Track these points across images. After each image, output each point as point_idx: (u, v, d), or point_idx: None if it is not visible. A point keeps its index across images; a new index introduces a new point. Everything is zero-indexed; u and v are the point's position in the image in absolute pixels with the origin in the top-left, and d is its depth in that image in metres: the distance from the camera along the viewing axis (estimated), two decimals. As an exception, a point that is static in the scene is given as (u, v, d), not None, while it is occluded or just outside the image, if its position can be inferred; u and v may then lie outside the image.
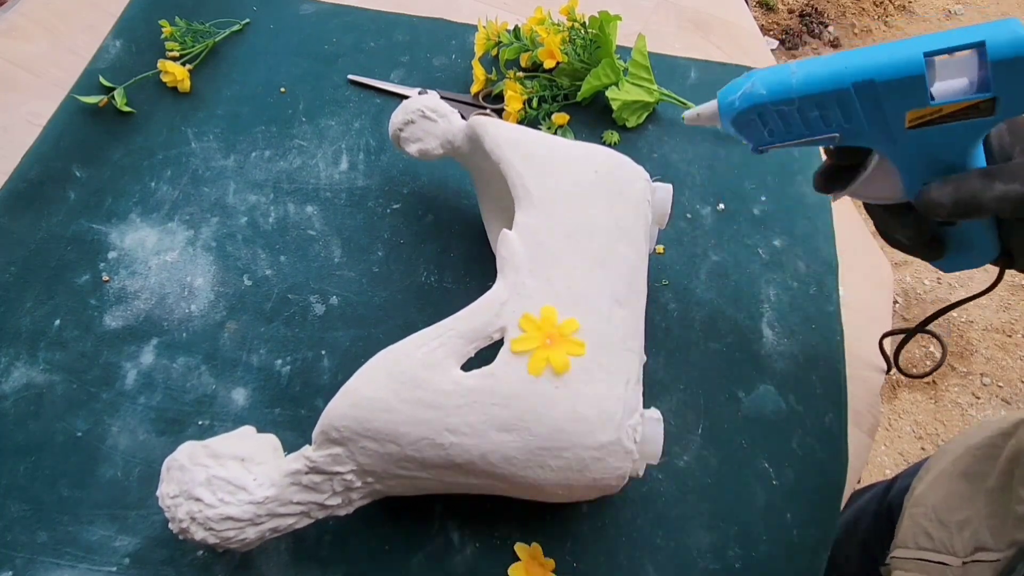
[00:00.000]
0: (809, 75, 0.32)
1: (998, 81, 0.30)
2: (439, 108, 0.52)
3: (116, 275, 0.55)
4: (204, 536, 0.37)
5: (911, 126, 0.32)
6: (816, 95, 0.32)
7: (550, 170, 0.45)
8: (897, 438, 1.39)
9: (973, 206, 0.32)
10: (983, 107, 0.31)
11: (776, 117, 0.33)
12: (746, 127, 0.35)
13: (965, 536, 0.46)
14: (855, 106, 0.32)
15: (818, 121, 0.33)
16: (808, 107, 0.32)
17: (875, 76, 0.31)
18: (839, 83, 0.31)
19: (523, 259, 0.42)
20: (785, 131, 0.34)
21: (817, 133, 0.34)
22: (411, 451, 0.39)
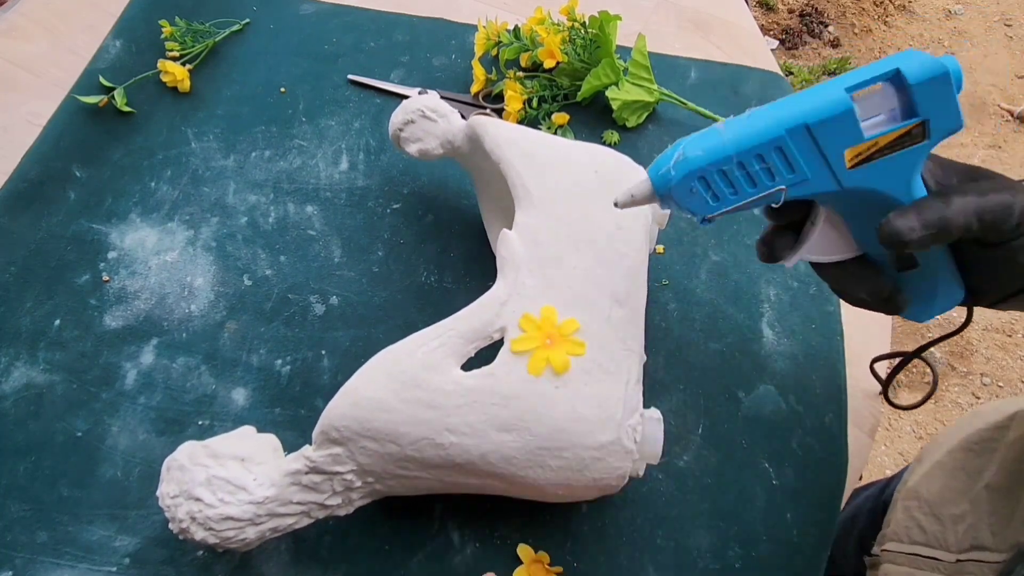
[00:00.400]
0: (740, 130, 0.32)
1: (923, 104, 0.31)
2: (439, 108, 0.52)
3: (116, 275, 0.55)
4: (204, 536, 0.37)
5: (852, 165, 0.32)
6: (753, 147, 0.31)
7: (550, 170, 0.45)
8: (897, 438, 1.39)
9: (942, 226, 0.32)
10: (915, 133, 0.31)
11: (718, 179, 0.32)
12: (688, 196, 0.33)
13: (959, 530, 0.46)
14: (794, 152, 0.32)
15: (761, 175, 0.32)
16: (748, 161, 0.32)
17: (806, 119, 0.31)
18: (773, 132, 0.31)
19: (523, 259, 0.42)
20: (730, 192, 0.33)
21: (763, 188, 0.33)
22: (411, 451, 0.39)
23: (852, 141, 0.31)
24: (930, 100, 0.31)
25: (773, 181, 0.32)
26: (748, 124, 0.32)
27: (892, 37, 1.91)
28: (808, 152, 0.32)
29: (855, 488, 0.68)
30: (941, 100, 0.31)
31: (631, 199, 0.35)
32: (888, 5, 1.97)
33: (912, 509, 0.50)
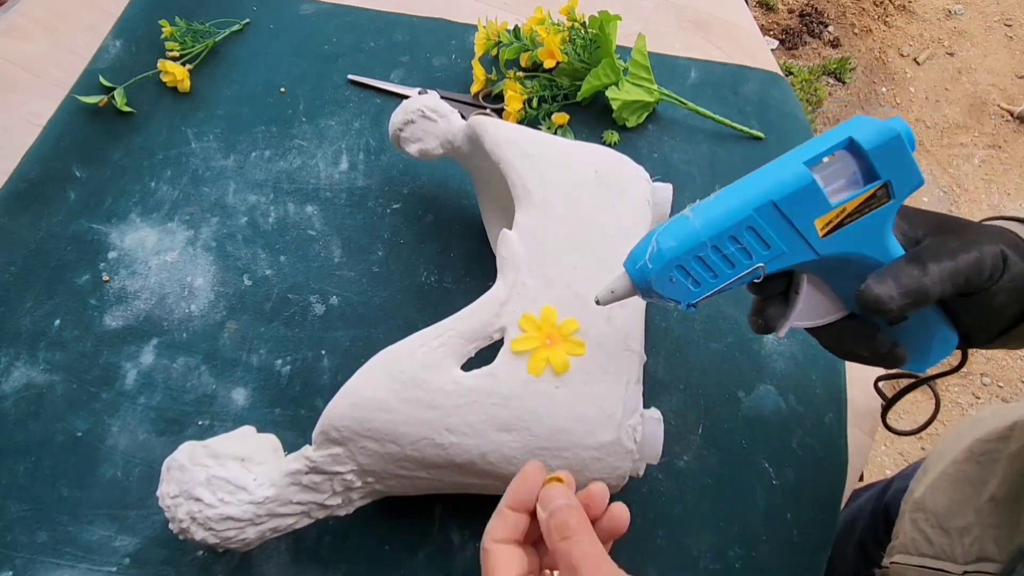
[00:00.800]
0: (709, 214, 0.32)
1: (882, 167, 0.31)
2: (439, 108, 0.52)
3: (116, 275, 0.55)
4: (204, 536, 0.37)
5: (825, 233, 0.33)
6: (725, 230, 0.32)
7: (550, 170, 0.45)
8: (897, 438, 1.39)
9: (921, 293, 0.32)
10: (880, 195, 0.32)
11: (696, 265, 0.33)
12: (669, 286, 0.33)
13: (966, 542, 0.46)
14: (766, 230, 0.32)
15: (738, 255, 0.33)
16: (723, 244, 0.32)
17: (772, 197, 0.31)
18: (741, 212, 0.32)
19: (523, 259, 0.42)
20: (711, 276, 0.33)
21: (742, 268, 0.33)
22: (411, 451, 0.39)
23: (820, 211, 0.32)
24: (888, 163, 0.31)
25: (751, 260, 0.33)
26: (716, 207, 0.32)
27: (892, 37, 1.91)
28: (780, 227, 0.32)
29: (855, 489, 0.68)
30: (898, 161, 0.31)
31: (611, 295, 0.35)
32: (888, 5, 1.97)
33: (919, 521, 0.50)
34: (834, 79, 1.83)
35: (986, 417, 0.51)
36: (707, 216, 0.32)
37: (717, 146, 0.65)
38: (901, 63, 1.87)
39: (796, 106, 0.68)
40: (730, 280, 0.33)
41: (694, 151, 0.64)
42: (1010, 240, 0.35)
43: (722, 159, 0.64)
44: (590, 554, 0.31)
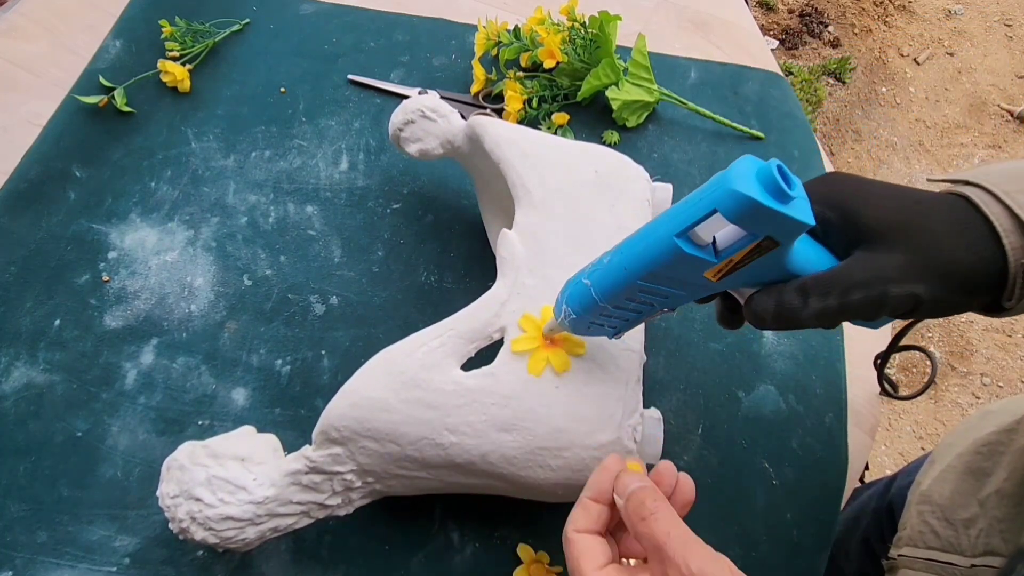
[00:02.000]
0: (602, 283, 0.34)
1: (755, 228, 0.29)
2: (439, 108, 0.52)
3: (116, 275, 0.55)
4: (204, 536, 0.37)
5: (718, 279, 0.32)
6: (618, 294, 0.33)
7: (550, 170, 0.45)
8: (897, 438, 1.39)
9: (793, 322, 0.32)
10: (765, 245, 0.30)
11: (604, 318, 0.36)
12: (588, 330, 0.37)
13: (972, 535, 0.46)
14: (657, 288, 0.33)
15: (641, 306, 0.35)
16: (621, 303, 0.34)
17: (650, 268, 0.32)
18: (627, 282, 0.33)
19: (523, 259, 0.42)
20: (622, 321, 0.36)
21: (648, 312, 0.35)
22: (411, 451, 0.39)
23: (704, 268, 0.32)
24: (758, 223, 0.29)
25: (653, 307, 0.35)
26: (605, 276, 0.34)
27: (892, 37, 1.91)
28: (669, 283, 0.33)
29: (857, 488, 0.68)
30: (768, 220, 0.29)
31: (551, 332, 0.40)
32: (888, 5, 1.97)
33: (925, 514, 0.50)
34: (834, 79, 1.83)
35: (996, 410, 0.51)
36: (600, 285, 0.34)
37: (717, 146, 0.65)
38: (901, 63, 1.87)
39: (796, 106, 0.68)
40: (641, 319, 0.36)
41: (694, 151, 0.64)
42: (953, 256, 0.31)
43: (722, 159, 0.64)
44: (673, 532, 0.30)
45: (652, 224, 0.32)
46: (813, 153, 0.65)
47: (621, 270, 0.33)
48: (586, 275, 0.35)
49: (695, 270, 0.32)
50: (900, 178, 1.68)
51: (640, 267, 0.32)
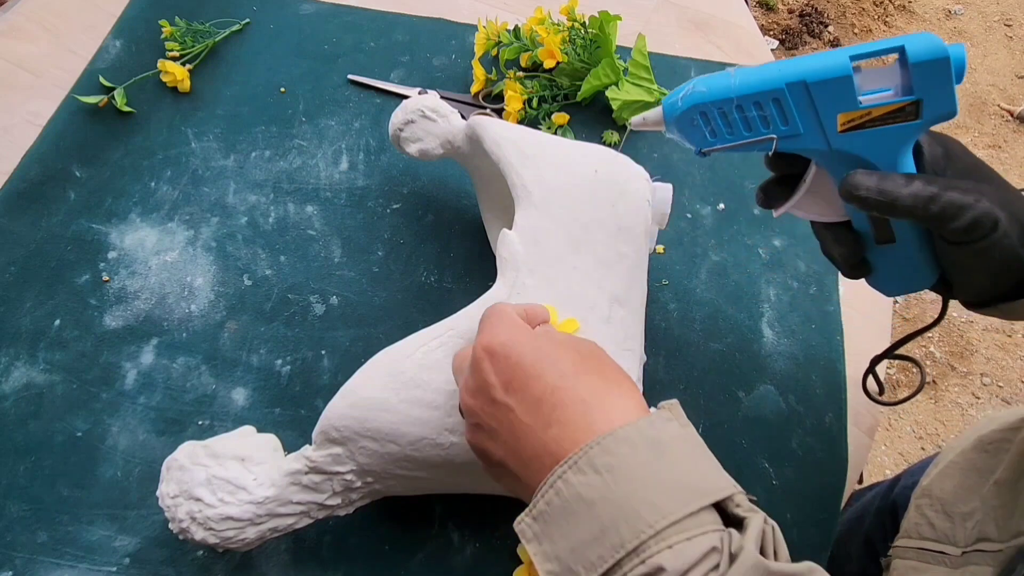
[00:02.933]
0: (746, 77, 0.34)
1: (919, 84, 0.32)
2: (439, 108, 0.52)
3: (116, 275, 0.55)
4: (204, 536, 0.37)
5: (843, 129, 0.34)
6: (753, 94, 0.34)
7: (550, 170, 0.45)
8: (897, 438, 1.39)
9: (891, 198, 0.34)
10: (908, 111, 0.33)
11: (717, 116, 0.35)
12: (688, 128, 0.36)
13: (968, 527, 0.47)
14: (790, 106, 0.33)
15: (757, 122, 0.35)
16: (747, 106, 0.34)
17: (806, 77, 0.33)
18: (774, 83, 0.33)
19: (523, 259, 0.42)
20: (726, 131, 0.36)
21: (756, 134, 0.35)
22: (411, 451, 0.39)
23: (846, 106, 0.33)
24: (927, 81, 0.32)
25: (767, 129, 0.35)
26: (754, 73, 0.34)
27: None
28: (803, 108, 0.33)
29: (857, 490, 0.68)
30: (937, 83, 0.32)
31: (643, 122, 0.38)
32: (888, 5, 1.97)
33: (924, 507, 0.50)
34: (834, 79, 1.83)
35: (1004, 415, 0.52)
36: (744, 77, 0.34)
37: (717, 146, 0.65)
38: (901, 63, 1.87)
39: (796, 106, 0.68)
40: (742, 141, 0.36)
41: (694, 151, 0.64)
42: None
43: (722, 159, 0.64)
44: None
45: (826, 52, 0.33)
46: (813, 153, 0.65)
47: (775, 70, 0.33)
48: (731, 69, 0.35)
49: (837, 103, 0.33)
50: (900, 178, 1.68)
51: (797, 72, 0.33)
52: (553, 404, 0.30)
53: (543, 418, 0.30)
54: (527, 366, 0.31)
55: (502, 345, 0.31)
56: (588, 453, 0.28)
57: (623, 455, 0.28)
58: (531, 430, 0.30)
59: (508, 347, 0.31)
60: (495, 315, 0.33)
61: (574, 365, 0.31)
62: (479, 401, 0.31)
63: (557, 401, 0.30)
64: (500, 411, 0.31)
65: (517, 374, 0.31)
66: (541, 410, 0.30)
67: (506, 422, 0.30)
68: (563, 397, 0.30)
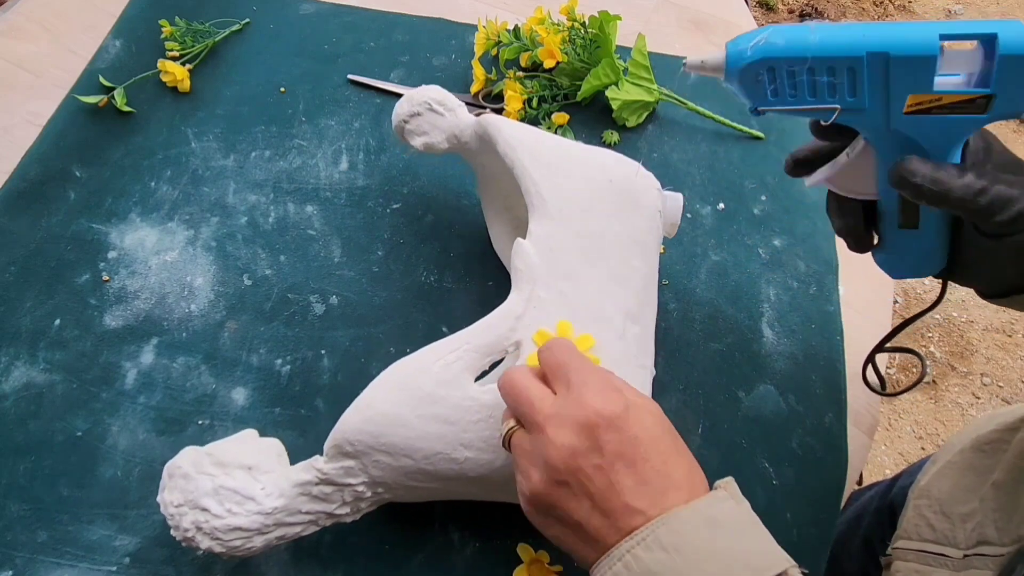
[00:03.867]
0: (827, 35, 0.32)
1: (1000, 78, 0.31)
2: (447, 101, 0.51)
3: (116, 275, 0.55)
4: (210, 545, 0.37)
5: (909, 111, 0.33)
6: (831, 57, 0.32)
7: (566, 179, 0.44)
8: (897, 438, 1.39)
9: (941, 188, 0.34)
10: (978, 103, 0.32)
11: (785, 75, 0.33)
12: (751, 83, 0.33)
13: (968, 528, 0.46)
14: (863, 77, 0.32)
15: (824, 88, 0.33)
16: (819, 69, 0.32)
17: (890, 49, 0.31)
18: (855, 49, 0.31)
19: (539, 271, 0.41)
20: (790, 93, 0.33)
21: (820, 102, 0.33)
22: (425, 465, 0.38)
23: (919, 88, 0.32)
24: (1009, 77, 0.31)
25: (833, 98, 0.33)
26: (835, 33, 0.32)
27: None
28: (876, 82, 0.32)
29: (856, 490, 0.68)
30: (1019, 80, 0.31)
31: (701, 64, 0.35)
32: (888, 5, 1.97)
33: (922, 508, 0.50)
34: (834, 79, 1.83)
35: (1001, 414, 0.52)
36: (824, 36, 0.32)
37: (717, 146, 0.65)
38: (901, 63, 1.87)
39: (796, 106, 0.68)
40: (804, 106, 0.34)
41: (694, 151, 0.64)
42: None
43: (722, 159, 0.64)
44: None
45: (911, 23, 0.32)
46: (813, 153, 0.65)
47: (858, 34, 0.31)
48: (812, 24, 0.33)
49: (911, 84, 0.32)
50: (900, 178, 1.68)
51: (881, 41, 0.31)
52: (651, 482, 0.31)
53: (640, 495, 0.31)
54: (640, 445, 0.32)
55: (619, 418, 0.32)
56: (656, 532, 0.30)
57: (686, 534, 0.30)
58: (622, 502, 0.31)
59: (624, 421, 0.32)
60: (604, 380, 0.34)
61: (669, 446, 0.33)
62: (582, 463, 0.31)
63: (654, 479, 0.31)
64: (600, 478, 0.31)
65: (628, 450, 0.31)
66: (642, 488, 0.31)
67: (602, 490, 0.31)
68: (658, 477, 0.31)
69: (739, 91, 0.34)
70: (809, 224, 0.61)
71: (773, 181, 0.63)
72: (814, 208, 0.62)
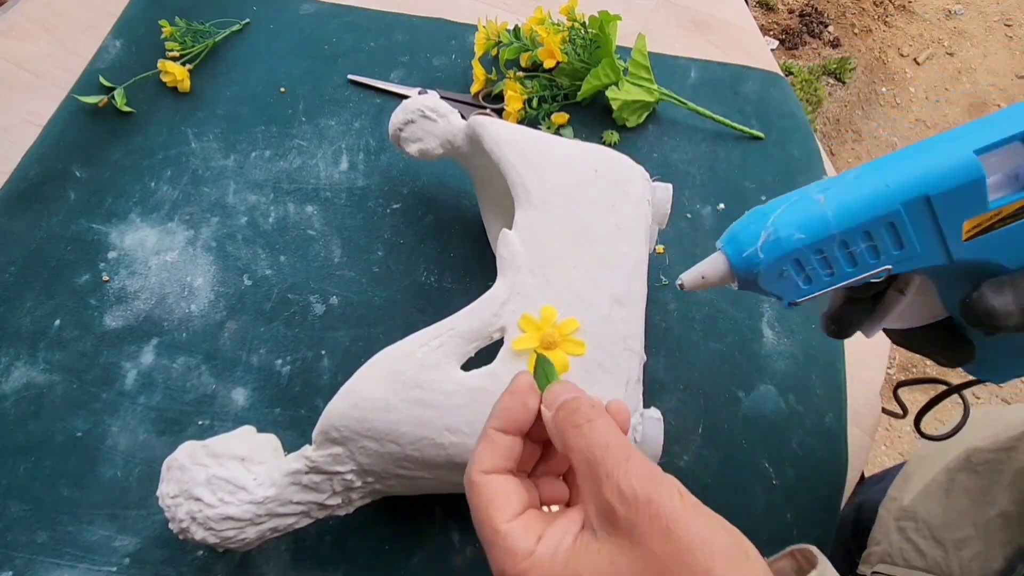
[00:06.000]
0: (844, 202, 0.26)
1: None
2: (439, 108, 0.52)
3: (116, 275, 0.55)
4: (204, 536, 0.37)
5: (969, 237, 0.27)
6: (861, 224, 0.26)
7: (550, 170, 0.45)
8: (897, 438, 1.39)
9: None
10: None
11: (814, 260, 0.27)
12: (775, 281, 0.28)
13: (964, 556, 0.44)
14: (907, 227, 0.26)
15: (866, 255, 0.27)
16: (853, 240, 0.27)
17: (928, 190, 0.26)
18: (886, 205, 0.26)
19: (523, 259, 0.42)
20: (827, 274, 0.28)
21: (864, 269, 0.28)
22: (411, 451, 0.39)
23: (975, 212, 0.26)
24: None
25: (877, 260, 0.27)
26: (854, 193, 0.27)
27: (892, 37, 1.91)
28: (923, 226, 0.27)
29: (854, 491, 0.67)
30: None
31: (701, 281, 0.30)
32: (888, 5, 1.97)
33: (909, 531, 0.47)
34: (834, 79, 1.83)
35: (970, 422, 0.50)
36: (843, 203, 0.26)
37: (717, 146, 0.65)
38: (901, 63, 1.87)
39: (796, 106, 0.68)
40: (848, 281, 0.28)
41: (694, 151, 0.64)
42: None
43: (722, 159, 0.64)
44: (613, 443, 0.24)
45: (925, 143, 0.26)
46: (813, 153, 0.65)
47: (882, 187, 0.26)
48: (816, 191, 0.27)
49: (964, 212, 0.26)
50: (900, 178, 1.68)
51: (914, 184, 0.26)
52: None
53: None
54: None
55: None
56: None
57: None
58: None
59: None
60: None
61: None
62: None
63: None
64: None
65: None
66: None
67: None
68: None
69: (762, 293, 0.29)
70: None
71: (773, 181, 0.63)
72: (814, 208, 0.62)
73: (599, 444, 0.25)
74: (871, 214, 0.26)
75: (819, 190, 0.27)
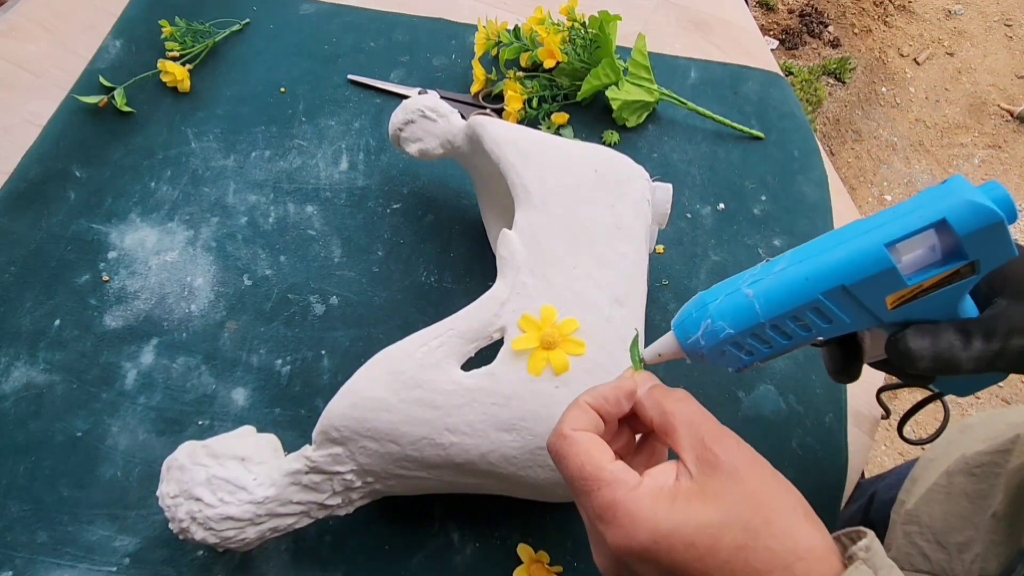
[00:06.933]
0: (769, 295, 0.30)
1: (973, 250, 0.28)
2: (439, 108, 0.52)
3: (116, 275, 0.55)
4: (204, 536, 0.37)
5: (894, 307, 0.30)
6: (786, 313, 0.30)
7: (550, 170, 0.45)
8: (897, 438, 1.39)
9: (951, 364, 0.31)
10: (963, 271, 0.29)
11: (750, 340, 0.31)
12: (719, 357, 0.33)
13: (966, 559, 0.44)
14: (831, 310, 0.30)
15: (797, 331, 0.31)
16: (783, 323, 0.31)
17: (844, 281, 0.29)
18: (807, 296, 0.29)
19: (523, 259, 0.42)
20: (765, 348, 0.32)
21: (799, 341, 0.32)
22: (411, 451, 0.39)
23: (893, 289, 0.29)
24: (981, 245, 0.28)
25: (809, 333, 0.31)
26: (778, 287, 0.30)
27: (892, 37, 1.91)
28: (846, 306, 0.30)
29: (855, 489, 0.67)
30: (994, 243, 0.28)
31: (659, 358, 0.34)
32: (888, 5, 1.97)
33: (913, 535, 0.48)
34: (834, 79, 1.83)
35: (975, 424, 0.49)
36: (768, 297, 0.30)
37: (717, 146, 0.65)
38: (901, 63, 1.87)
39: (796, 106, 0.68)
40: (784, 350, 0.32)
41: (694, 151, 0.64)
42: None
43: (722, 159, 0.64)
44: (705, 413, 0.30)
45: (842, 232, 0.30)
46: (813, 153, 0.65)
47: (802, 280, 0.29)
48: (745, 284, 0.31)
49: (882, 291, 0.29)
50: (900, 178, 1.68)
51: (830, 276, 0.29)
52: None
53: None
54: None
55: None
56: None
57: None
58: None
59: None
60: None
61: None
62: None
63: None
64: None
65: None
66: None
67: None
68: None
69: (713, 364, 0.33)
70: (809, 224, 0.61)
71: (773, 181, 0.63)
72: (814, 208, 0.62)
73: (697, 412, 0.31)
74: (794, 304, 0.30)
75: (750, 283, 0.31)
